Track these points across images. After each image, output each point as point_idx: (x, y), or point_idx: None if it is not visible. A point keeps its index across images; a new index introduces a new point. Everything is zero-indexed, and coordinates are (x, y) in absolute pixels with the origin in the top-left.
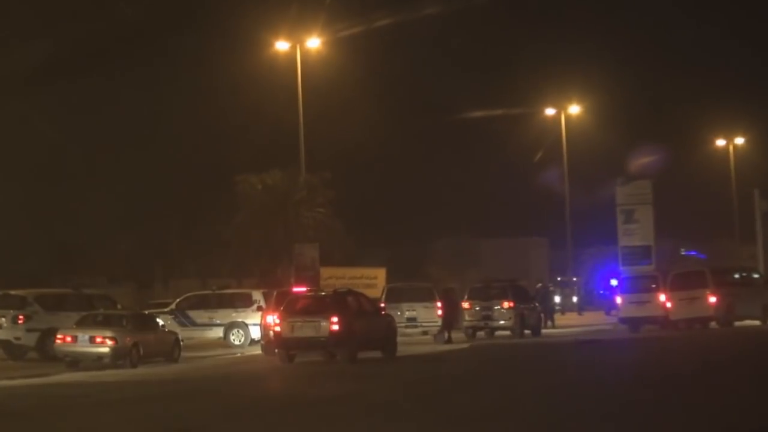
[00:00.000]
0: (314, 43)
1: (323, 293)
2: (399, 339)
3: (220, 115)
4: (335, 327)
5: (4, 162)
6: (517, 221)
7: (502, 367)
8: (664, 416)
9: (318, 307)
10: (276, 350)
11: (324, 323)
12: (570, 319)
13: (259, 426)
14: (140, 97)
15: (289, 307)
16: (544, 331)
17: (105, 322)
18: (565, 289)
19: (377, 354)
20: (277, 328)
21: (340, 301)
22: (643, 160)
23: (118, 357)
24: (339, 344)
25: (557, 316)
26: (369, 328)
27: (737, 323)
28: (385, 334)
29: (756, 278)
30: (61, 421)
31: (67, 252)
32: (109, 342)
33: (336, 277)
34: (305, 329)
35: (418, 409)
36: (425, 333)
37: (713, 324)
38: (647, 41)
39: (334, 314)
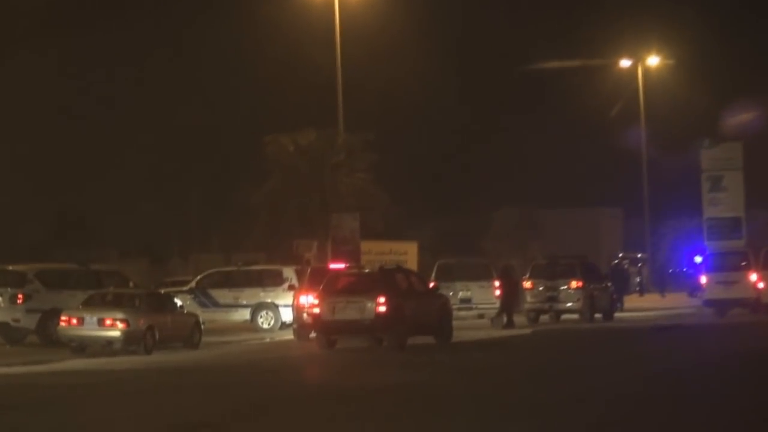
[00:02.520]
0: None
1: (367, 270)
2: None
3: (248, 67)
4: (382, 308)
5: (4, 119)
6: (588, 188)
7: (568, 356)
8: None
9: (362, 285)
10: (313, 335)
11: (369, 304)
12: (649, 301)
13: (288, 422)
14: (160, 48)
15: (329, 285)
16: (616, 314)
17: (115, 302)
18: (632, 267)
19: (429, 340)
20: (316, 310)
21: (388, 279)
22: (733, 119)
23: (130, 342)
24: (386, 328)
25: (635, 298)
26: (420, 310)
27: None
28: (439, 317)
29: None
30: (65, 414)
31: (73, 221)
32: (120, 325)
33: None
34: (348, 311)
35: (473, 402)
36: (481, 316)
37: None
38: None
39: (380, 294)
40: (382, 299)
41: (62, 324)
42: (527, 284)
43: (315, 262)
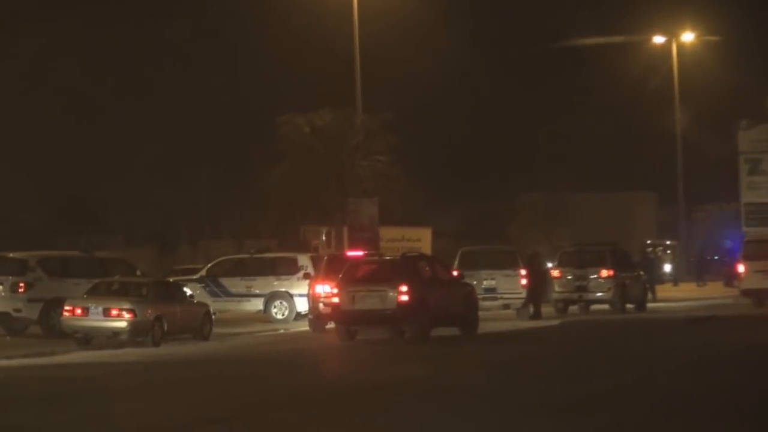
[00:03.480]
0: None
1: (388, 258)
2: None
3: (261, 43)
4: (404, 297)
5: (9, 105)
6: (619, 172)
7: (597, 349)
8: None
9: (384, 274)
10: (330, 325)
11: (391, 293)
12: (684, 291)
13: (300, 418)
14: (170, 30)
15: (348, 274)
16: (649, 305)
17: (121, 292)
18: (665, 255)
19: (453, 331)
20: (335, 300)
21: (410, 266)
22: None
23: (137, 333)
24: (408, 318)
25: (668, 287)
26: (445, 299)
27: None
28: (464, 307)
29: None
30: (68, 408)
31: (76, 206)
32: (126, 315)
33: None
34: (368, 300)
35: (495, 398)
36: (507, 307)
37: None
38: None
39: (402, 282)
40: (404, 288)
41: (66, 314)
42: (555, 273)
43: (324, 250)
